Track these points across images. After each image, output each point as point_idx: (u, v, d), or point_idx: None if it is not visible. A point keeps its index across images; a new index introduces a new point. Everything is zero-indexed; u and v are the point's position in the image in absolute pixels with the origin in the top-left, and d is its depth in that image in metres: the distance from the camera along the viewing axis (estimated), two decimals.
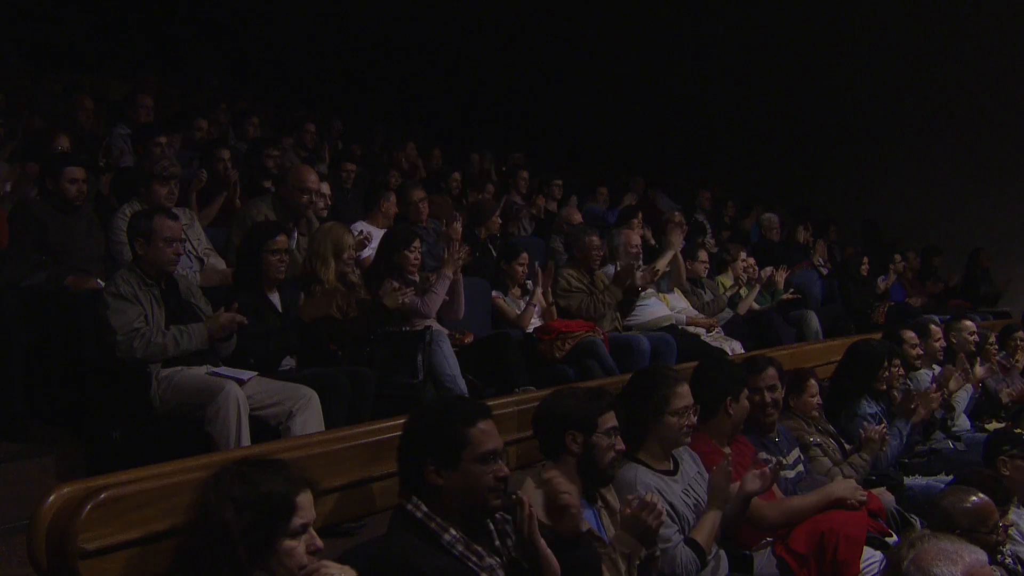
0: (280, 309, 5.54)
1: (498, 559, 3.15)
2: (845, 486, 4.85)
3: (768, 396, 5.27)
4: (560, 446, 3.90)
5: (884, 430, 5.84)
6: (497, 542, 3.21)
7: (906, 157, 14.80)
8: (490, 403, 3.53)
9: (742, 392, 4.92)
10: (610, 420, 3.95)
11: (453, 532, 3.07)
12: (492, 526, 3.24)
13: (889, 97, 14.85)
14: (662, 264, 8.18)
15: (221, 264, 6.48)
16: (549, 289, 7.54)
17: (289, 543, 2.57)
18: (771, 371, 5.34)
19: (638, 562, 3.71)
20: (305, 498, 2.63)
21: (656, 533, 3.75)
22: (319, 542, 2.62)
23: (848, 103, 15.22)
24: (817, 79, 15.34)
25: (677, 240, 8.58)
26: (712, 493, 4.25)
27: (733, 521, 4.41)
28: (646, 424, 4.33)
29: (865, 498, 4.88)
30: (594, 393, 4.07)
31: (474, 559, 3.05)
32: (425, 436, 3.18)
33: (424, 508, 3.09)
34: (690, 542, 4.09)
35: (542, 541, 3.13)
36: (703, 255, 9.41)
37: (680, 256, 8.70)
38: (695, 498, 4.34)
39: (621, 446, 3.97)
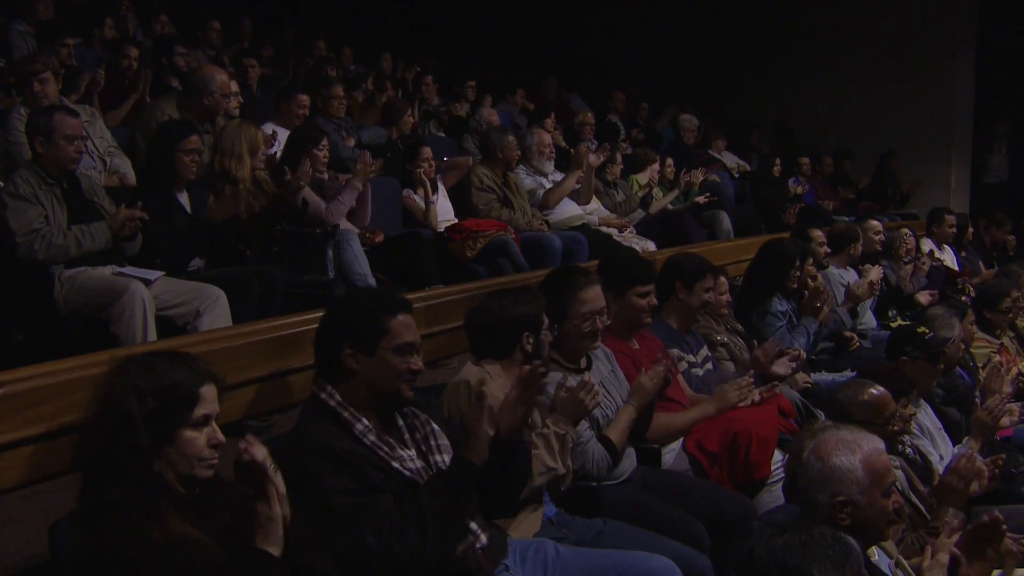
0: (188, 210, 5.45)
1: (410, 452, 3.17)
2: (724, 397, 4.68)
3: (709, 297, 5.44)
4: (516, 346, 3.98)
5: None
6: (407, 436, 3.24)
7: (819, 60, 14.81)
8: None
9: (628, 290, 4.79)
10: (546, 320, 4.09)
11: (365, 422, 3.09)
12: (402, 420, 3.26)
13: None
14: (569, 184, 8.21)
15: (126, 164, 6.33)
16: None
17: (190, 433, 2.56)
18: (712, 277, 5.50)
19: (571, 444, 3.81)
20: (208, 390, 2.61)
21: (589, 413, 3.90)
22: (220, 436, 2.61)
23: (762, 4, 15.20)
24: None
25: (589, 159, 8.46)
26: (635, 391, 4.27)
27: (638, 422, 4.36)
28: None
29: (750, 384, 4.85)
30: (531, 294, 4.14)
31: (385, 449, 3.07)
32: (346, 321, 3.22)
33: (338, 397, 3.11)
34: (603, 439, 4.12)
35: (486, 425, 3.11)
36: (618, 158, 9.45)
37: (592, 175, 8.61)
38: (606, 397, 4.32)
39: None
